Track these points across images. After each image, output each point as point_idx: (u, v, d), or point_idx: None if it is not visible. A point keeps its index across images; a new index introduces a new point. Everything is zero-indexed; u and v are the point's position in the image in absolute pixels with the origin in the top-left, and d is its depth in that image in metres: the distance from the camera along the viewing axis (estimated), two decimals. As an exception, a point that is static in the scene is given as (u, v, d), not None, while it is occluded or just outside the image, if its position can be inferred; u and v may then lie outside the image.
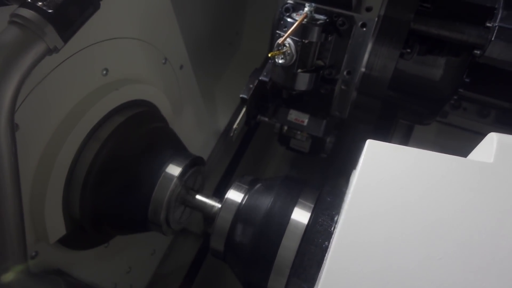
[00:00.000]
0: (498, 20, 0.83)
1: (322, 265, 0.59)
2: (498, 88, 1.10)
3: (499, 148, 0.45)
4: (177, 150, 0.95)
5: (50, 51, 0.60)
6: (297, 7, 0.96)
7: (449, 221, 0.42)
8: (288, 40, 0.92)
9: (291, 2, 0.96)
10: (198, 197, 0.91)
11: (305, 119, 1.20)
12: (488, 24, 0.87)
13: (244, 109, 1.12)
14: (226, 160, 1.52)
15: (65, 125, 0.78)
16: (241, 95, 1.09)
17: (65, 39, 0.61)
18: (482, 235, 0.41)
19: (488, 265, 0.39)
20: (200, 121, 1.33)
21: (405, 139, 1.41)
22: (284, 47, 0.92)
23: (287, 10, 0.97)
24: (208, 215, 0.87)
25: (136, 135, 0.90)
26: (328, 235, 0.64)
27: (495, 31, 0.83)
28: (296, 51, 0.93)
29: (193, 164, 0.92)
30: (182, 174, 0.88)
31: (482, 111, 1.24)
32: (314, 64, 0.98)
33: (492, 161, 0.44)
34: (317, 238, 0.64)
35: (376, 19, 0.95)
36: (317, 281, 0.58)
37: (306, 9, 0.93)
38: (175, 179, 0.87)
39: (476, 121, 1.25)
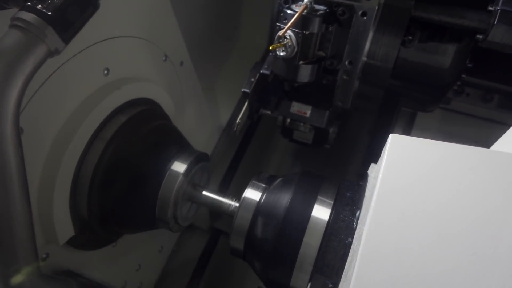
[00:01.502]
0: (500, 3, 0.82)
1: (345, 261, 0.59)
2: (501, 72, 1.10)
3: None
4: (181, 147, 0.95)
5: (51, 53, 0.59)
6: (297, -2, 0.95)
7: (483, 216, 0.41)
8: (289, 32, 0.91)
9: (290, -7, 0.96)
10: (205, 193, 0.91)
11: (307, 110, 1.19)
12: (490, 8, 0.86)
13: (246, 103, 1.11)
14: (230, 155, 1.52)
15: (69, 127, 0.78)
16: (243, 89, 1.09)
17: (66, 40, 0.61)
18: (508, 225, 0.40)
19: None
20: (203, 117, 1.33)
21: (408, 127, 1.41)
22: (285, 40, 0.92)
23: (286, 1, 0.96)
24: (219, 211, 0.87)
25: (140, 134, 0.90)
26: (350, 231, 0.63)
27: (498, 14, 0.82)
28: (297, 43, 0.92)
29: (198, 161, 0.92)
30: (187, 171, 0.88)
31: (485, 96, 1.24)
32: (315, 55, 0.97)
33: None
34: (339, 234, 0.64)
35: (377, 7, 0.94)
36: (342, 278, 0.58)
37: (305, 0, 0.92)
38: (180, 176, 0.87)
39: (479, 106, 1.25)
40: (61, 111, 0.77)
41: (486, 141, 0.54)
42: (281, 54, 0.93)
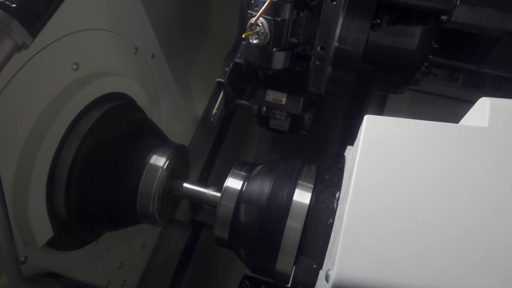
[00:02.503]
0: (462, -16, 0.85)
1: (328, 241, 0.61)
2: (465, 52, 1.14)
3: (492, 112, 0.46)
4: (159, 140, 0.94)
5: (19, 48, 0.57)
6: (267, -15, 0.95)
7: (451, 183, 0.44)
8: (261, 19, 0.91)
9: (260, -20, 0.95)
10: (186, 185, 0.91)
11: (283, 98, 1.20)
12: (453, -11, 0.89)
13: (221, 93, 1.11)
14: (208, 146, 1.51)
15: (41, 124, 0.75)
16: (217, 79, 1.08)
17: (33, 34, 0.58)
18: (483, 194, 0.42)
19: (489, 222, 0.41)
20: (178, 109, 1.31)
21: (380, 109, 1.44)
22: (257, 27, 0.91)
23: (257, -12, 0.96)
24: (201, 202, 0.87)
25: (116, 129, 0.88)
26: (331, 212, 0.65)
27: (460, -5, 0.85)
28: (270, 29, 0.92)
29: (177, 153, 0.91)
30: (166, 164, 0.87)
31: (451, 76, 1.29)
32: (288, 42, 0.98)
33: (487, 125, 0.46)
34: (321, 216, 0.65)
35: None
36: (326, 257, 0.59)
37: (276, -14, 0.92)
38: (160, 170, 0.86)
39: (446, 86, 1.29)
40: (32, 109, 0.75)
41: (454, 119, 0.56)
42: (254, 41, 0.93)
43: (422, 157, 0.47)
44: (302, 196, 0.70)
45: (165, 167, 0.87)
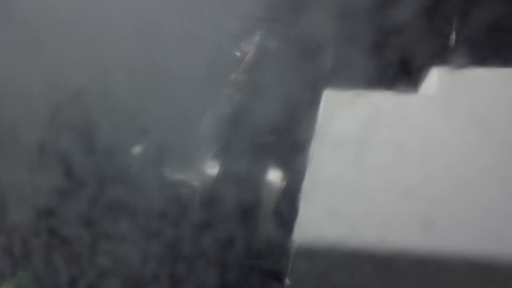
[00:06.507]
0: None
1: None
2: None
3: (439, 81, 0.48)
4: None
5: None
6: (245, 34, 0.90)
7: (408, 149, 0.44)
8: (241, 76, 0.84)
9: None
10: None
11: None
12: None
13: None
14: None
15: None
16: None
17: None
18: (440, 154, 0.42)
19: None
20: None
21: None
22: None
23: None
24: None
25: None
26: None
27: None
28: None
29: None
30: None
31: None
32: (275, 94, 0.89)
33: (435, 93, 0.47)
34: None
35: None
36: None
37: (256, 38, 0.86)
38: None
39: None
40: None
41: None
42: (237, 97, 0.85)
43: (376, 125, 0.47)
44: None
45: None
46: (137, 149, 0.78)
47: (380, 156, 0.44)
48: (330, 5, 0.81)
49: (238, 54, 0.87)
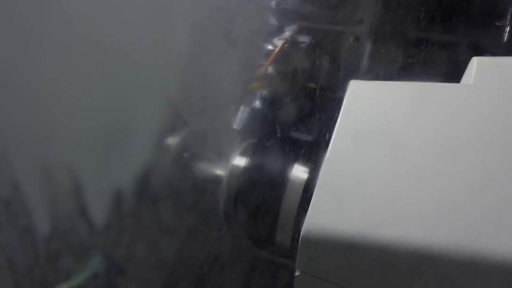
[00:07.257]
0: None
1: None
2: None
3: (478, 70, 0.46)
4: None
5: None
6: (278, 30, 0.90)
7: (437, 140, 0.42)
8: (270, 69, 0.84)
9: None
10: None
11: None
12: None
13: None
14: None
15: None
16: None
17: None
18: (467, 149, 0.41)
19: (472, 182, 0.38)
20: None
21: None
22: (266, 78, 0.84)
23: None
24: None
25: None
26: None
27: None
28: (281, 79, 0.84)
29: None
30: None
31: None
32: (304, 88, 0.88)
33: (472, 82, 0.45)
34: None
35: (369, 31, 0.85)
36: None
37: (286, 33, 0.86)
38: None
39: None
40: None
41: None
42: (265, 92, 0.86)
43: (403, 117, 0.46)
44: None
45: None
46: (174, 140, 0.82)
47: (402, 148, 0.43)
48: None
49: (270, 47, 0.87)
